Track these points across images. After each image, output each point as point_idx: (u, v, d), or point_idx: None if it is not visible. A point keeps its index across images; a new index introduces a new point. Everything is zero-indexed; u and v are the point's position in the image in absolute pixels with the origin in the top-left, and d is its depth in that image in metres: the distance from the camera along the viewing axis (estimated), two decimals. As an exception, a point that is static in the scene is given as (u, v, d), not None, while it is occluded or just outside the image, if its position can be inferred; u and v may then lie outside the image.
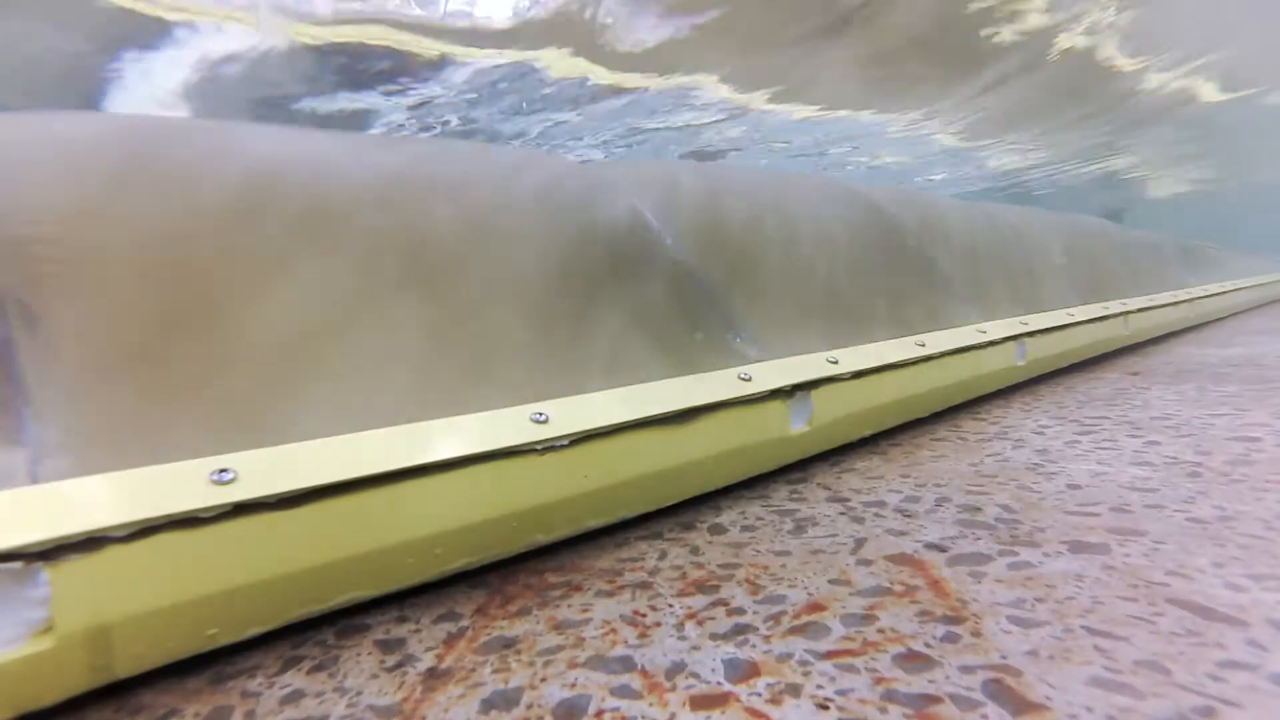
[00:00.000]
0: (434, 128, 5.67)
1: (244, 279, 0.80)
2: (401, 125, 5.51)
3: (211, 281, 0.77)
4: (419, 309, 0.90)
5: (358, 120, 5.30)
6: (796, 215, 1.56)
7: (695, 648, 0.62)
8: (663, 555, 0.85)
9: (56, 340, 0.68)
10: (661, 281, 1.19)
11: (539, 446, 0.85)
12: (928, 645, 0.60)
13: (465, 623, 0.71)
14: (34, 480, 0.61)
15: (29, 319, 0.67)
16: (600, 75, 5.19)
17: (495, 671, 0.61)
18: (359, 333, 0.84)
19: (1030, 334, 1.88)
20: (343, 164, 0.97)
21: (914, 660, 0.58)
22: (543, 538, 0.86)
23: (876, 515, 0.94)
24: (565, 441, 0.87)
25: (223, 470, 0.65)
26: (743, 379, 1.10)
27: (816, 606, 0.69)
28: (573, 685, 0.58)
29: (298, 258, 0.84)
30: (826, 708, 0.52)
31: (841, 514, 0.96)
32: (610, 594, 0.75)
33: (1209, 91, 7.15)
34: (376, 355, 0.84)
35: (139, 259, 0.74)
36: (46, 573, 0.56)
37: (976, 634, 0.61)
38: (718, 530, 0.93)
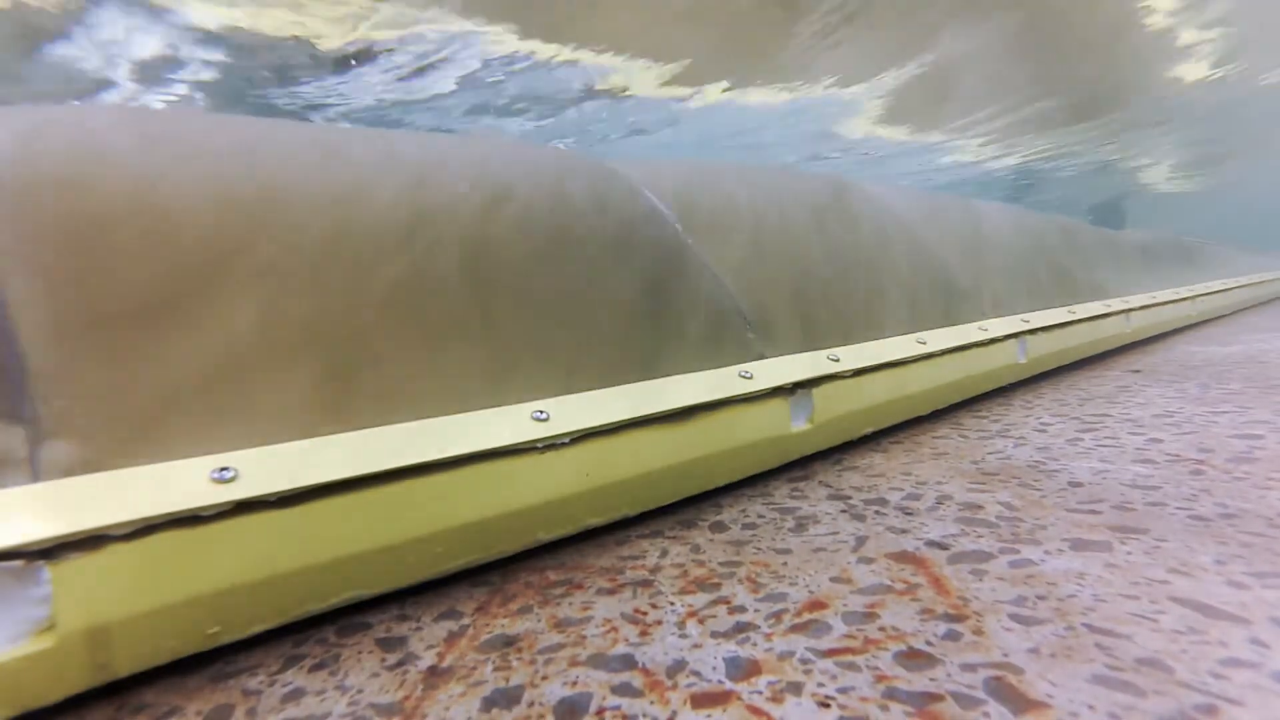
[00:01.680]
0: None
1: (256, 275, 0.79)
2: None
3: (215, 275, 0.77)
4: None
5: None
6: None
7: (696, 646, 0.62)
8: (664, 553, 0.85)
9: (61, 337, 0.68)
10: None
11: (540, 445, 0.85)
12: (929, 643, 0.60)
13: (466, 621, 0.71)
14: (35, 479, 0.61)
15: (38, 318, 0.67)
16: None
17: (496, 670, 0.61)
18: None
19: (1031, 331, 1.87)
20: (355, 166, 0.96)
21: (915, 658, 0.58)
22: (544, 536, 0.86)
23: (878, 513, 0.94)
24: (566, 439, 0.87)
25: (223, 468, 0.65)
26: (744, 376, 1.10)
27: (818, 604, 0.69)
28: (574, 683, 0.58)
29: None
30: (828, 706, 0.52)
31: (843, 512, 0.96)
32: (611, 592, 0.75)
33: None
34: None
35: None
36: (48, 571, 0.56)
37: (978, 632, 0.61)
38: (719, 528, 0.93)
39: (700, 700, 0.54)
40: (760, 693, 0.55)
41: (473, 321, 0.92)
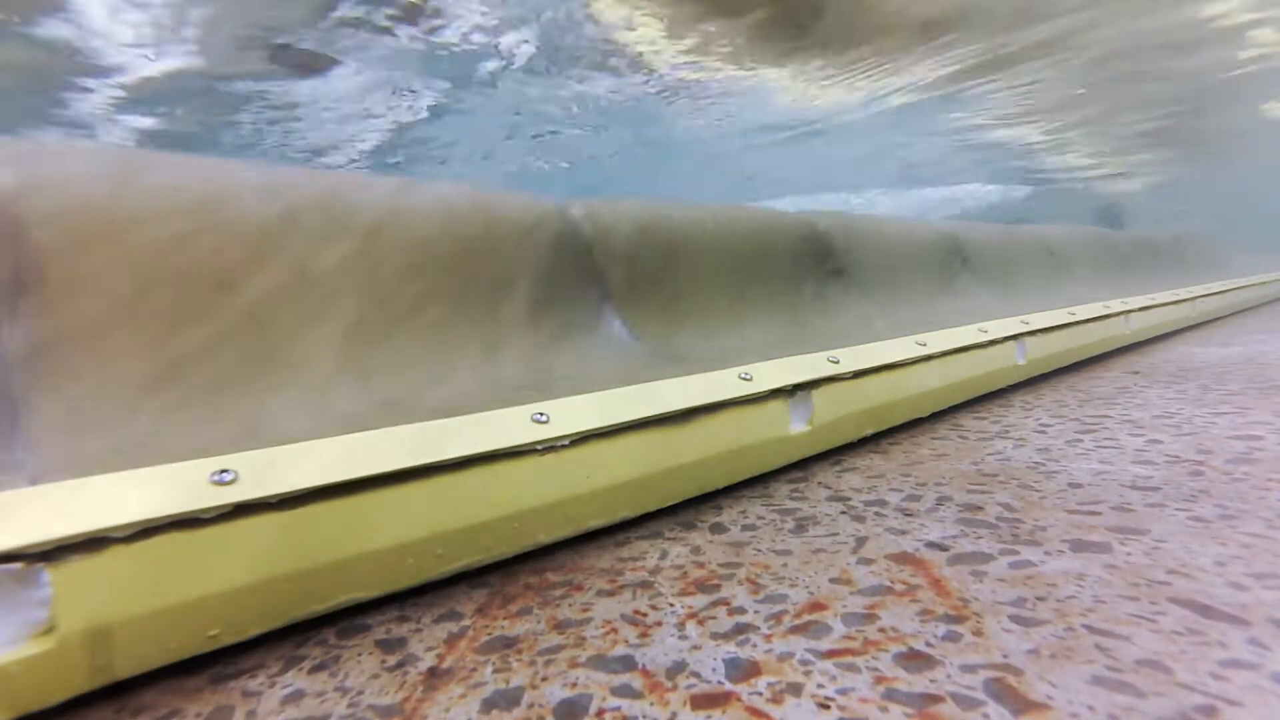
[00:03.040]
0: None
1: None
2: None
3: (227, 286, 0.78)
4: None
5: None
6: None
7: (696, 647, 0.62)
8: (664, 555, 0.85)
9: (58, 343, 0.68)
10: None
11: (540, 447, 0.85)
12: (929, 644, 0.60)
13: (466, 622, 0.71)
14: (35, 481, 0.61)
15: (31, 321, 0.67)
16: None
17: (496, 671, 0.61)
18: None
19: (1031, 333, 1.87)
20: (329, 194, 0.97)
21: (915, 659, 0.58)
22: (544, 537, 0.86)
23: (877, 514, 0.94)
24: (566, 441, 0.87)
25: (223, 471, 0.65)
26: (743, 379, 1.10)
27: (817, 605, 0.69)
28: (574, 685, 0.58)
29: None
30: (827, 707, 0.52)
31: (843, 513, 0.96)
32: (611, 593, 0.75)
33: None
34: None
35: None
36: (48, 573, 0.56)
37: (978, 633, 0.61)
38: (719, 529, 0.93)
39: (700, 701, 0.54)
40: (760, 694, 0.55)
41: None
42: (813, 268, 1.80)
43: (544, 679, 0.59)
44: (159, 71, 4.70)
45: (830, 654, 0.60)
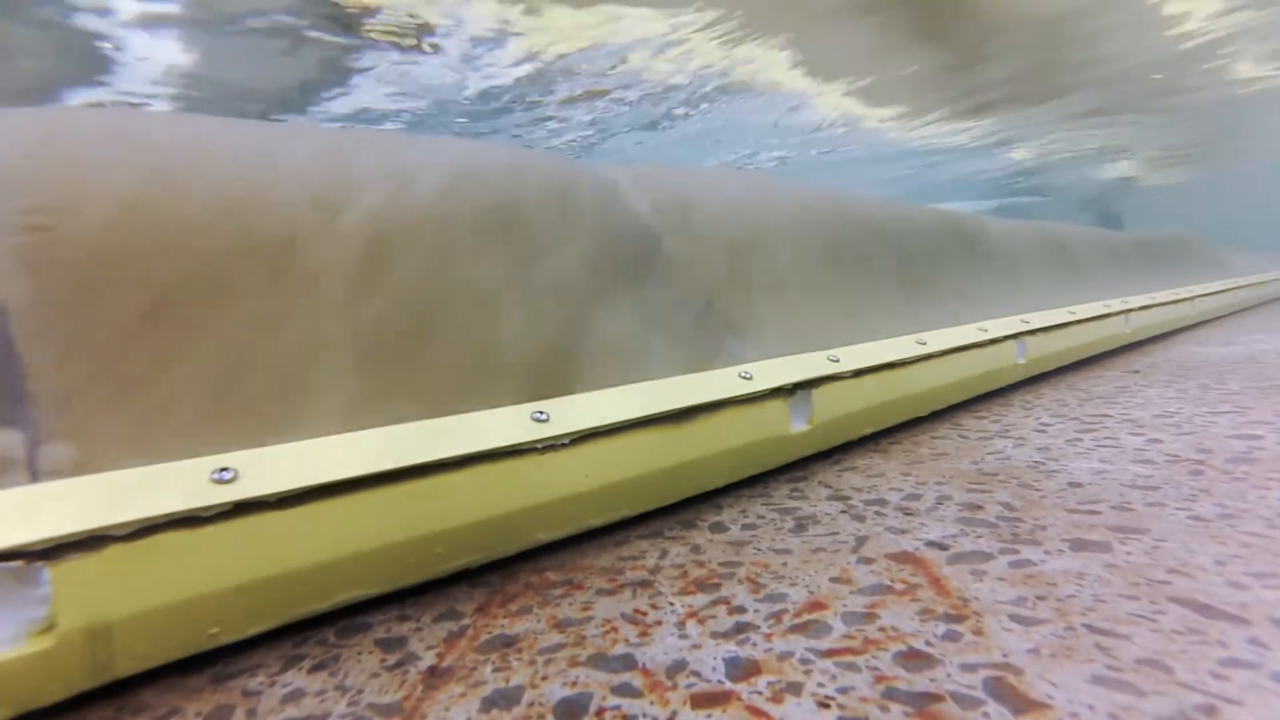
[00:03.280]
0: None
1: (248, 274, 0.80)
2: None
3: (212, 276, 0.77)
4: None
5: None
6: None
7: (696, 646, 0.62)
8: (664, 553, 0.85)
9: (58, 338, 0.68)
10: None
11: (540, 445, 0.85)
12: (929, 643, 0.60)
13: (466, 621, 0.71)
14: (35, 479, 0.61)
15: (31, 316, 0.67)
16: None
17: (496, 670, 0.61)
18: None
19: (1031, 332, 1.87)
20: (326, 165, 0.97)
21: (915, 658, 0.58)
22: (544, 536, 0.86)
23: (877, 513, 0.94)
24: (566, 440, 0.87)
25: (223, 469, 0.65)
26: (743, 377, 1.10)
27: (818, 605, 0.69)
28: (574, 684, 0.58)
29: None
30: (828, 706, 0.52)
31: (843, 512, 0.96)
32: (611, 592, 0.75)
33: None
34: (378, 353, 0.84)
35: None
36: (48, 571, 0.56)
37: (978, 632, 0.61)
38: (719, 528, 0.93)
39: (700, 700, 0.54)
40: (760, 693, 0.55)
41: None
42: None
43: (544, 678, 0.59)
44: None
45: (830, 653, 0.60)
